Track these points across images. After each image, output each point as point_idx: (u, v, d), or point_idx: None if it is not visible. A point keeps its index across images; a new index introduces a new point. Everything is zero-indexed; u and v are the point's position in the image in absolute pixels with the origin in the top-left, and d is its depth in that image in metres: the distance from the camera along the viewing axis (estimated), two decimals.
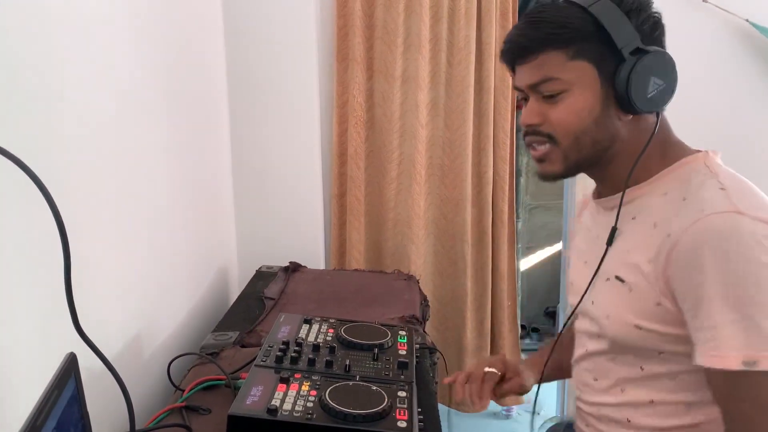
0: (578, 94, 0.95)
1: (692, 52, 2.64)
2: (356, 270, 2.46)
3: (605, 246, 1.02)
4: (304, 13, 2.41)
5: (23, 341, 0.94)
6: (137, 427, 1.04)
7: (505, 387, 1.28)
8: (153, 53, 1.53)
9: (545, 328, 4.21)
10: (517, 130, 2.87)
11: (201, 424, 1.17)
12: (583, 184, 2.43)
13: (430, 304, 2.31)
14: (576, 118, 0.96)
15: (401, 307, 1.75)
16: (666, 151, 1.00)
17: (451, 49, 2.62)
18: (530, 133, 1.01)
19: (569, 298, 1.18)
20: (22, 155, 0.81)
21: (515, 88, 1.04)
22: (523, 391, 1.29)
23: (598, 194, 1.10)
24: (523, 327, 4.02)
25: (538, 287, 4.33)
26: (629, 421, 1.03)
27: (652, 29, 0.96)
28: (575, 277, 1.16)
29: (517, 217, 2.93)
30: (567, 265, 1.26)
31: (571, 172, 1.02)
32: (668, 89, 0.95)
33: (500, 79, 2.68)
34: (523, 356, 3.02)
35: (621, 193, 1.00)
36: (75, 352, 0.78)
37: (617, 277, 0.99)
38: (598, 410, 1.09)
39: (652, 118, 0.98)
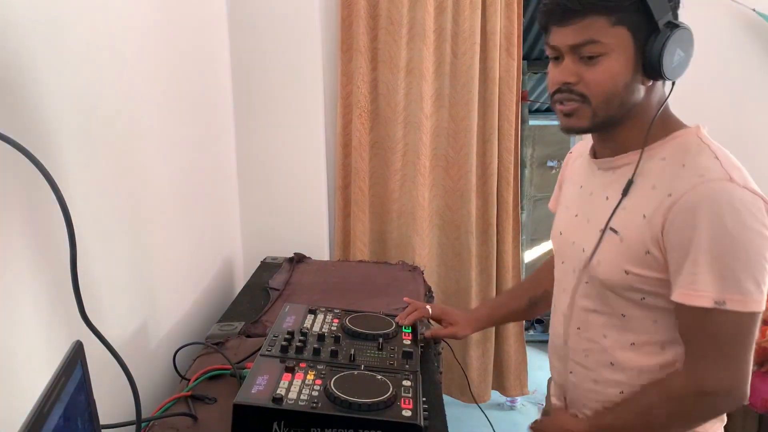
0: (615, 58, 1.03)
1: (697, 41, 2.62)
2: (360, 261, 2.47)
3: (606, 203, 1.13)
4: (308, 4, 2.40)
5: (30, 330, 0.95)
6: (143, 416, 1.05)
7: (442, 332, 1.50)
8: (160, 48, 1.53)
9: (548, 320, 4.21)
10: (522, 122, 2.87)
11: (207, 413, 1.18)
12: None
13: (434, 295, 2.32)
14: (611, 81, 1.04)
15: (406, 297, 1.75)
16: (665, 122, 1.11)
17: (456, 39, 2.62)
18: (563, 91, 1.08)
19: (555, 245, 1.30)
20: (29, 147, 0.81)
21: (551, 46, 1.09)
22: (454, 338, 1.51)
23: (595, 154, 1.20)
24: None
25: None
26: (612, 364, 1.16)
27: (677, 5, 1.06)
28: (565, 227, 1.27)
29: (522, 209, 2.93)
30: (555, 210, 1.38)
31: (596, 128, 1.11)
32: (686, 61, 1.05)
33: (505, 70, 2.67)
34: (528, 348, 3.03)
35: (619, 155, 1.12)
36: (81, 341, 0.78)
37: (611, 229, 1.11)
38: (585, 354, 1.20)
39: (661, 86, 1.09)
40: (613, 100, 1.05)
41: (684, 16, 1.10)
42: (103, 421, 0.88)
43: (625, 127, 1.10)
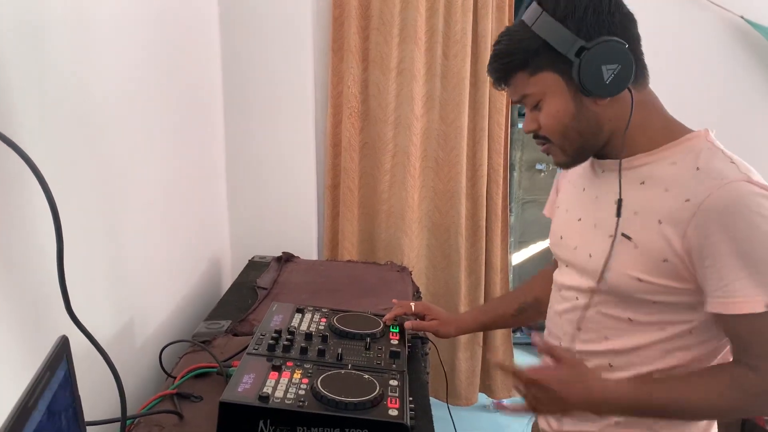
0: (550, 100, 1.07)
1: (686, 48, 2.65)
2: (349, 261, 2.47)
3: (613, 209, 1.10)
4: (300, 3, 2.40)
5: (14, 325, 0.94)
6: (128, 413, 1.04)
7: (423, 325, 1.48)
8: (150, 44, 1.52)
9: (536, 324, 4.21)
10: (512, 124, 2.88)
11: (192, 411, 1.17)
12: None
13: (423, 297, 2.32)
14: (556, 120, 1.08)
15: (394, 298, 1.75)
16: (668, 125, 1.10)
17: (447, 41, 2.62)
18: (535, 137, 1.14)
19: (556, 250, 1.28)
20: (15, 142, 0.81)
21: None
22: (435, 334, 1.49)
23: (597, 155, 1.17)
24: None
25: None
26: (611, 366, 1.13)
27: (596, 22, 1.03)
28: (565, 231, 1.24)
29: (510, 212, 2.93)
30: (552, 215, 1.35)
31: (577, 159, 1.14)
32: (626, 69, 1.03)
33: None
34: (515, 351, 3.03)
35: (623, 159, 1.09)
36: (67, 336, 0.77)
37: (624, 235, 1.08)
38: (579, 357, 1.16)
39: (627, 95, 1.06)
40: (569, 133, 1.08)
41: (673, 23, 1.10)
42: (87, 417, 0.87)
43: (613, 139, 1.10)
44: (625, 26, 1.05)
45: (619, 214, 1.08)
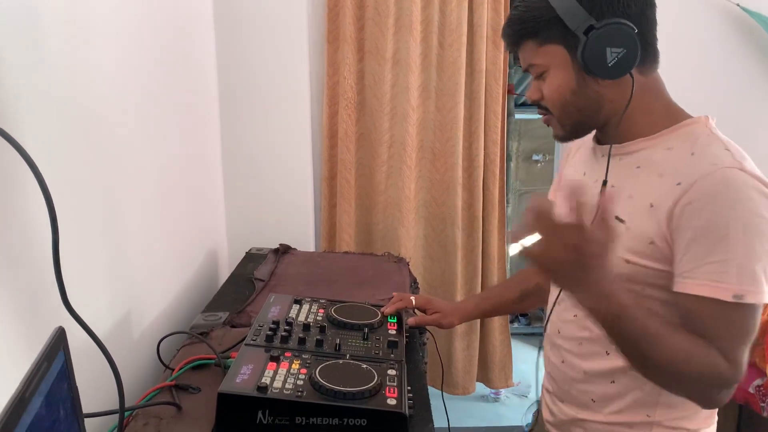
0: (554, 72, 1.09)
1: (681, 36, 2.65)
2: (346, 252, 2.46)
3: (609, 191, 1.11)
4: None
5: (11, 318, 0.94)
6: (127, 405, 1.04)
7: (426, 319, 1.49)
8: (143, 36, 1.51)
9: (533, 313, 4.23)
10: (508, 114, 2.87)
11: (191, 403, 1.17)
12: None
13: (420, 287, 2.32)
14: (557, 93, 1.09)
15: (391, 289, 1.74)
16: (669, 110, 1.10)
17: (443, 31, 2.61)
18: (537, 107, 1.16)
19: None
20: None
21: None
22: (439, 326, 1.50)
23: (598, 141, 1.19)
24: None
25: None
26: (608, 354, 1.13)
27: (609, 2, 1.03)
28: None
29: (507, 202, 2.93)
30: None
31: (573, 134, 1.16)
32: (630, 54, 1.03)
33: (491, 62, 2.67)
34: (512, 341, 3.04)
35: (623, 143, 1.11)
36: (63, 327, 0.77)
37: (617, 217, 1.07)
38: (579, 344, 1.18)
39: (644, 76, 1.08)
40: (567, 108, 1.10)
41: (669, 11, 1.10)
42: (85, 409, 0.87)
43: (612, 122, 1.10)
44: (641, 10, 1.05)
45: (604, 185, 1.11)
